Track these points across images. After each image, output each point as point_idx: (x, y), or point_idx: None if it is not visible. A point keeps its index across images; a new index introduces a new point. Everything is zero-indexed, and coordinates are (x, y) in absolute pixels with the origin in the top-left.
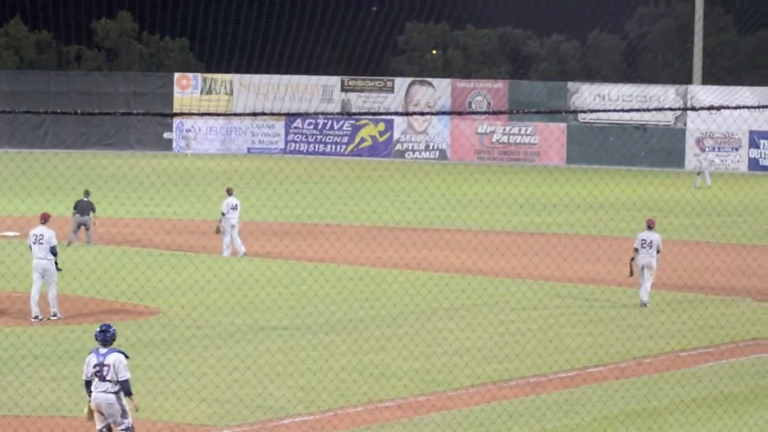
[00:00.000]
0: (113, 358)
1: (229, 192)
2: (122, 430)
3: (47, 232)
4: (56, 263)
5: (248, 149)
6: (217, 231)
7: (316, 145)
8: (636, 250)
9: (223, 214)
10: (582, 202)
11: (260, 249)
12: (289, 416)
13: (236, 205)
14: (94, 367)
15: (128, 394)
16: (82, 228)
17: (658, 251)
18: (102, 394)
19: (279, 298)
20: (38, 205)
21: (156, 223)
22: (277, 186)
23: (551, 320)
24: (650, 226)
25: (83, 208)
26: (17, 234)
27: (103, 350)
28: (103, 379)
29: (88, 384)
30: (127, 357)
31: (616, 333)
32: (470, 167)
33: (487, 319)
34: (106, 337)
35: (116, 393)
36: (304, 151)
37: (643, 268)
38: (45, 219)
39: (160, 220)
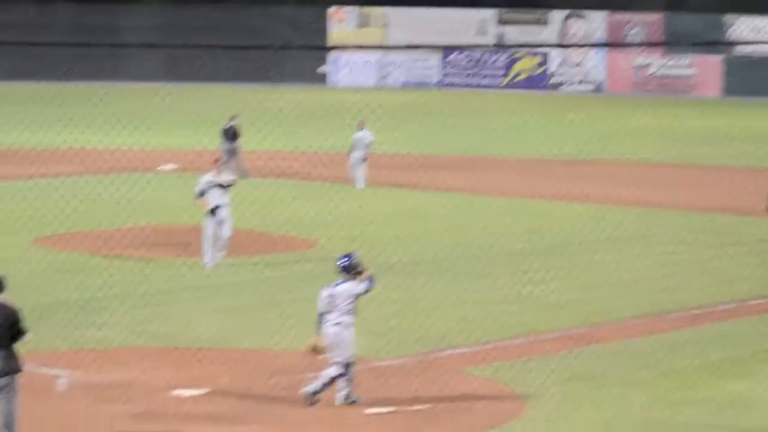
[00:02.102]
0: (342, 288)
1: (361, 125)
2: (338, 360)
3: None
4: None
5: (403, 83)
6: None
7: (472, 78)
8: None
9: (357, 146)
10: (738, 134)
11: (418, 181)
12: (449, 347)
13: (366, 137)
14: (327, 298)
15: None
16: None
17: None
18: (330, 327)
19: (436, 231)
20: (195, 138)
21: (313, 156)
22: (433, 119)
23: (711, 251)
24: None
25: (230, 133)
26: (175, 167)
27: (339, 281)
28: (332, 311)
29: (321, 317)
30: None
31: None
32: (626, 100)
33: (645, 251)
34: (345, 265)
35: (343, 325)
36: (460, 84)
37: None
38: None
39: (317, 153)
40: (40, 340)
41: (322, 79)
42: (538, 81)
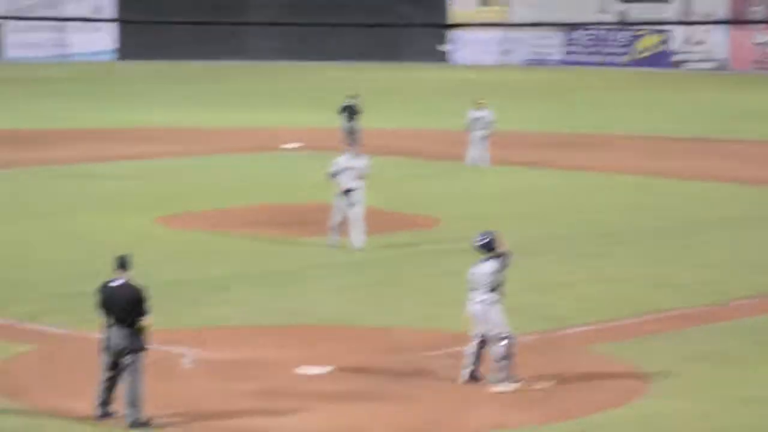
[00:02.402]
0: (482, 267)
1: (480, 105)
2: (499, 337)
3: None
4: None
5: (525, 60)
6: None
7: (594, 56)
8: None
9: (472, 124)
10: None
11: (539, 159)
12: (571, 326)
13: (483, 117)
14: (470, 275)
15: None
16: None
17: None
18: (475, 305)
19: (558, 209)
20: (318, 116)
21: (433, 134)
22: (555, 96)
23: None
24: None
25: (350, 112)
26: (299, 145)
27: (482, 258)
28: (476, 288)
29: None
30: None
31: None
32: (749, 77)
33: None
34: (481, 243)
35: (486, 302)
36: (582, 62)
37: None
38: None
39: (436, 131)
40: (165, 319)
41: (443, 57)
42: (660, 58)
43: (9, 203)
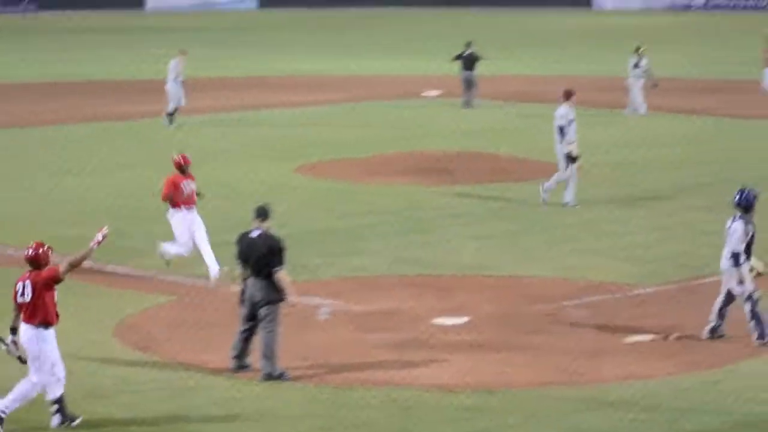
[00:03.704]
0: (734, 225)
1: (640, 52)
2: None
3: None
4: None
5: (668, 5)
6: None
7: (738, 0)
8: None
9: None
10: None
11: (692, 106)
12: (713, 274)
13: (637, 63)
14: (726, 229)
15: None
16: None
17: None
18: (724, 260)
19: (704, 155)
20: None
21: (573, 80)
22: (702, 41)
23: None
24: None
25: (467, 62)
26: (439, 93)
27: (736, 215)
28: (726, 243)
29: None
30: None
31: None
32: None
33: None
34: (737, 201)
35: (733, 260)
36: (726, 5)
37: None
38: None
39: (585, 78)
40: (301, 269)
41: (587, 2)
42: None
43: (149, 151)
